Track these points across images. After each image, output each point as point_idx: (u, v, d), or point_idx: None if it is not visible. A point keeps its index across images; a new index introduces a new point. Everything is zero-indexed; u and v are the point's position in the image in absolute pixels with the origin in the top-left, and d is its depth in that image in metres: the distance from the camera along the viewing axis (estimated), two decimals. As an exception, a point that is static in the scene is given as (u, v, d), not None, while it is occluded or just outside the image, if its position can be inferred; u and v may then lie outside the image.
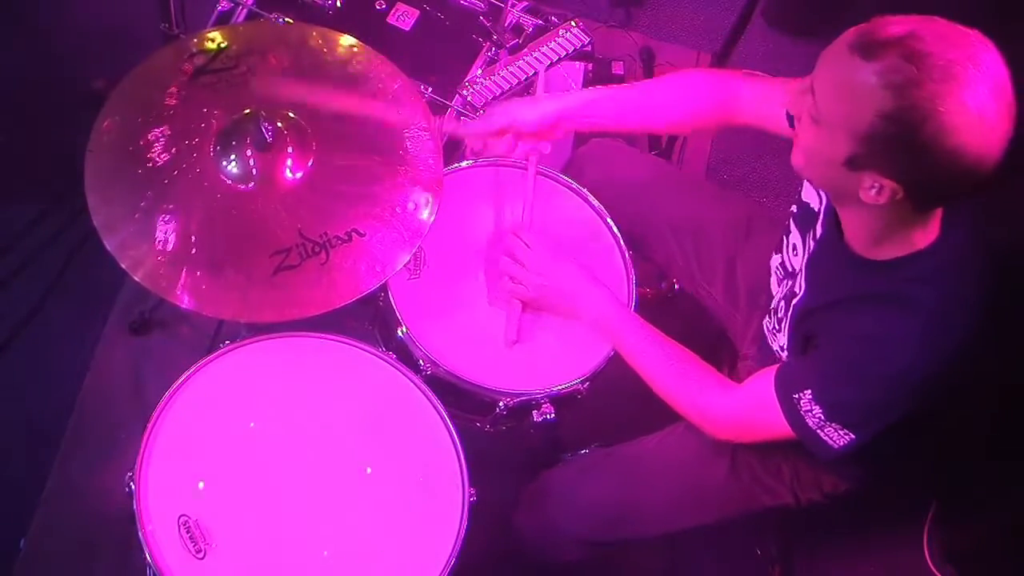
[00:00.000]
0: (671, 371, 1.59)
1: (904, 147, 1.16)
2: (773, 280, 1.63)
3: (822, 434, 1.39)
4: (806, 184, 1.53)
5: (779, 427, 1.43)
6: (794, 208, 1.58)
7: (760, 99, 1.62)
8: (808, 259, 1.49)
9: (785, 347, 1.53)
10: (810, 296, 1.46)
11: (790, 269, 1.59)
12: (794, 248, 1.57)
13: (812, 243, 1.50)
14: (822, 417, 1.37)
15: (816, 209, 1.51)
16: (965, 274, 1.31)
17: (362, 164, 1.67)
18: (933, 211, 1.28)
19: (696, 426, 1.58)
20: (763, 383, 1.46)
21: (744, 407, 1.52)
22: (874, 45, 1.15)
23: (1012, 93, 1.14)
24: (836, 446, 1.39)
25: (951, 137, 1.12)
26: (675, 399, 1.58)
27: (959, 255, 1.30)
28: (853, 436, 1.37)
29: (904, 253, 1.30)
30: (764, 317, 1.66)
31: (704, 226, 1.88)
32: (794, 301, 1.49)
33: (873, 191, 1.22)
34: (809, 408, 1.38)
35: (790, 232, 1.59)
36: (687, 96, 1.71)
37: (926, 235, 1.30)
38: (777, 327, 1.55)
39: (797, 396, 1.39)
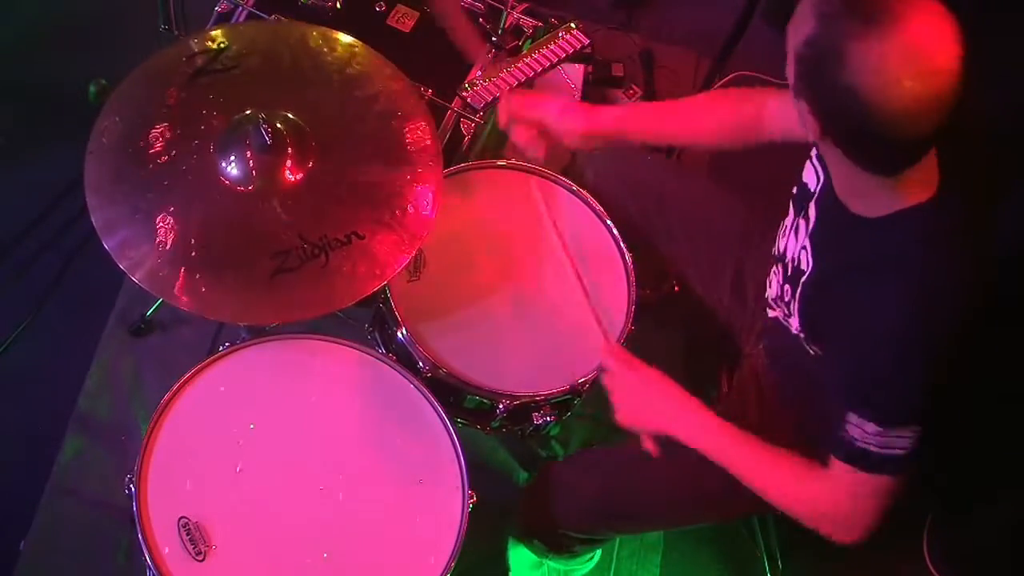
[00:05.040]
0: (774, 472, 1.48)
1: (813, 77, 1.17)
2: (779, 268, 1.61)
3: (893, 451, 1.31)
4: (807, 165, 1.53)
5: (867, 483, 1.35)
6: (795, 189, 1.58)
7: (785, 108, 1.59)
8: (810, 232, 1.47)
9: (799, 329, 1.50)
10: (816, 268, 1.43)
11: (779, 252, 1.58)
12: (785, 229, 1.56)
13: (811, 216, 1.48)
14: (878, 430, 1.30)
15: (812, 189, 1.51)
16: (961, 238, 1.28)
17: (362, 167, 1.67)
18: (890, 174, 1.24)
19: (817, 527, 1.45)
20: (830, 464, 1.39)
21: (834, 489, 1.41)
22: None
23: (942, 61, 1.11)
24: (907, 451, 1.31)
25: (851, 76, 1.12)
26: (789, 505, 1.47)
27: (955, 219, 1.27)
28: (913, 430, 1.31)
29: (895, 209, 1.28)
30: (769, 311, 1.65)
31: (711, 230, 1.87)
32: (802, 279, 1.46)
33: (808, 125, 1.22)
34: (862, 435, 1.31)
35: (787, 214, 1.58)
36: (714, 112, 1.70)
37: (917, 193, 1.27)
38: (787, 312, 1.53)
39: (848, 436, 1.33)
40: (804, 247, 1.47)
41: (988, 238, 1.32)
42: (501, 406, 1.72)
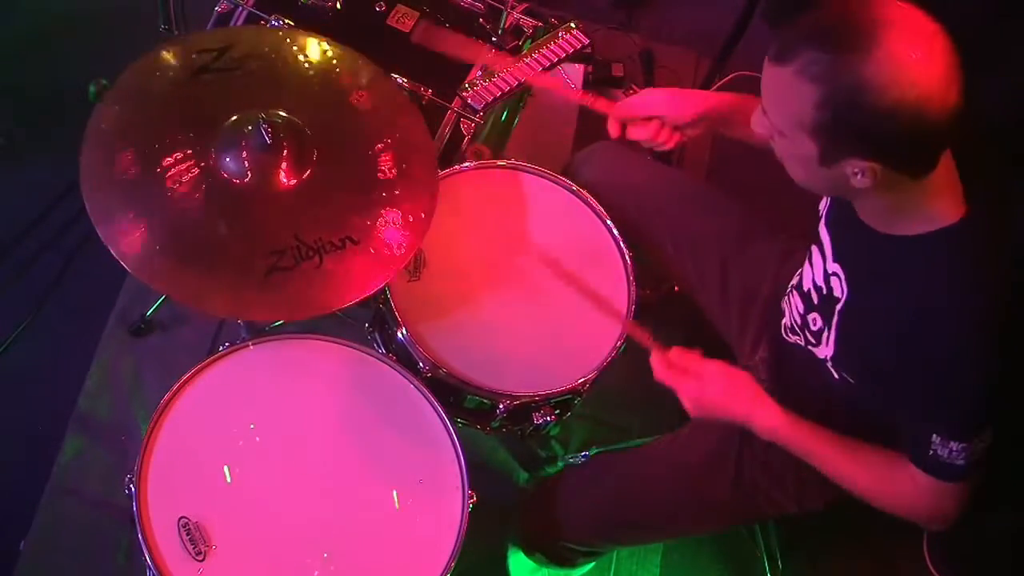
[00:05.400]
0: (865, 473, 1.48)
1: (852, 124, 1.18)
2: (795, 298, 1.59)
3: (976, 458, 1.35)
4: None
5: (955, 487, 1.38)
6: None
7: None
8: (835, 255, 1.47)
9: (831, 356, 1.49)
10: (852, 293, 1.42)
11: (796, 280, 1.58)
12: (810, 259, 1.56)
13: (824, 240, 1.49)
14: (962, 445, 1.33)
15: (821, 212, 1.50)
16: (998, 253, 1.30)
17: (361, 169, 1.66)
18: (930, 176, 1.26)
19: (906, 518, 1.48)
20: (915, 472, 1.41)
21: (924, 494, 1.43)
22: (785, 47, 1.20)
23: (931, 28, 1.16)
24: (986, 452, 1.36)
25: (885, 95, 1.14)
26: (879, 503, 1.49)
27: (988, 235, 1.29)
28: (989, 431, 1.34)
29: (930, 229, 1.29)
30: (788, 337, 1.65)
31: (700, 232, 1.87)
32: (838, 307, 1.45)
33: (859, 176, 1.23)
34: (948, 453, 1.34)
35: (811, 247, 1.57)
36: None
37: (948, 211, 1.28)
38: (814, 340, 1.52)
39: (933, 455, 1.35)
40: (835, 273, 1.46)
41: (1011, 251, 1.33)
42: (501, 406, 1.72)
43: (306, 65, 1.75)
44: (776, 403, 1.52)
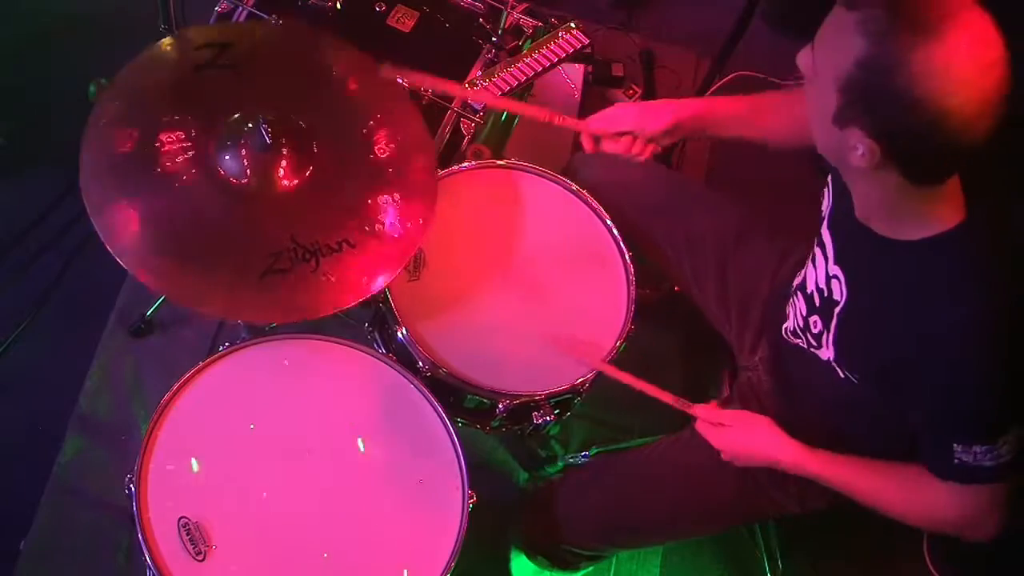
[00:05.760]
0: (898, 497, 1.48)
1: (877, 97, 1.16)
2: (799, 300, 1.59)
3: (1004, 459, 1.33)
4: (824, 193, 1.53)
5: (988, 491, 1.37)
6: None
7: None
8: (836, 258, 1.47)
9: (835, 358, 1.49)
10: (852, 297, 1.42)
11: (798, 283, 1.57)
12: (813, 261, 1.56)
13: (827, 242, 1.49)
14: (985, 447, 1.32)
15: (823, 214, 1.50)
16: (997, 259, 1.30)
17: (361, 172, 1.66)
18: (933, 187, 1.25)
19: (945, 533, 1.47)
20: (948, 484, 1.40)
21: (961, 504, 1.42)
22: None
23: (997, 56, 1.13)
24: (1015, 452, 1.34)
25: (917, 87, 1.12)
26: (912, 520, 1.49)
27: (987, 240, 1.29)
28: (1014, 433, 1.33)
29: (929, 234, 1.28)
30: (776, 334, 1.64)
31: (698, 233, 1.87)
32: (837, 310, 1.45)
33: (859, 151, 1.21)
34: (972, 458, 1.33)
35: (813, 248, 1.57)
36: (791, 109, 1.64)
37: (947, 216, 1.28)
38: (815, 343, 1.52)
39: (958, 462, 1.34)
40: (835, 276, 1.46)
41: (1011, 255, 1.32)
42: (501, 406, 1.72)
43: (312, 65, 1.75)
44: (795, 440, 1.54)
